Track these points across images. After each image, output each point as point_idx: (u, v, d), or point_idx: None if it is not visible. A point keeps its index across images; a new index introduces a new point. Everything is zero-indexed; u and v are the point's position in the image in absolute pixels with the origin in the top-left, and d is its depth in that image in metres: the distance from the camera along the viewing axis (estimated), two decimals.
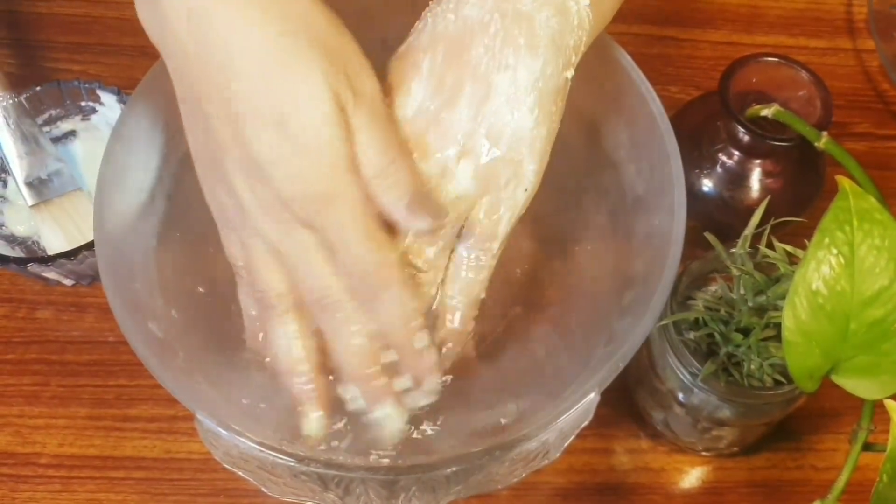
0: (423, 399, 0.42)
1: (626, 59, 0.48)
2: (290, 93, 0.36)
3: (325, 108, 0.36)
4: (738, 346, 0.46)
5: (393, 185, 0.38)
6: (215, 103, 0.37)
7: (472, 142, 0.40)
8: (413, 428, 0.43)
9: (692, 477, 0.54)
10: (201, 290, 0.48)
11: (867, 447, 0.43)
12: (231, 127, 0.37)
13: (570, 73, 0.42)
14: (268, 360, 0.43)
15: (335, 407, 0.42)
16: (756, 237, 0.47)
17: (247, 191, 0.38)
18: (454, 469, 0.41)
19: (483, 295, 0.43)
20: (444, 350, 0.43)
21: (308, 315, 0.40)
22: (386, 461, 0.43)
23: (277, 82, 0.36)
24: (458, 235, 0.42)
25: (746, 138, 0.52)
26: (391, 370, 0.41)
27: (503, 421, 0.45)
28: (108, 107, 0.58)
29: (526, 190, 0.41)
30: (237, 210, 0.39)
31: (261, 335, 0.43)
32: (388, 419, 0.41)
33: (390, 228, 0.40)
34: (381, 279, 0.39)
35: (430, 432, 0.45)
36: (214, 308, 0.48)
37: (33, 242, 0.57)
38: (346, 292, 0.39)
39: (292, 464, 0.40)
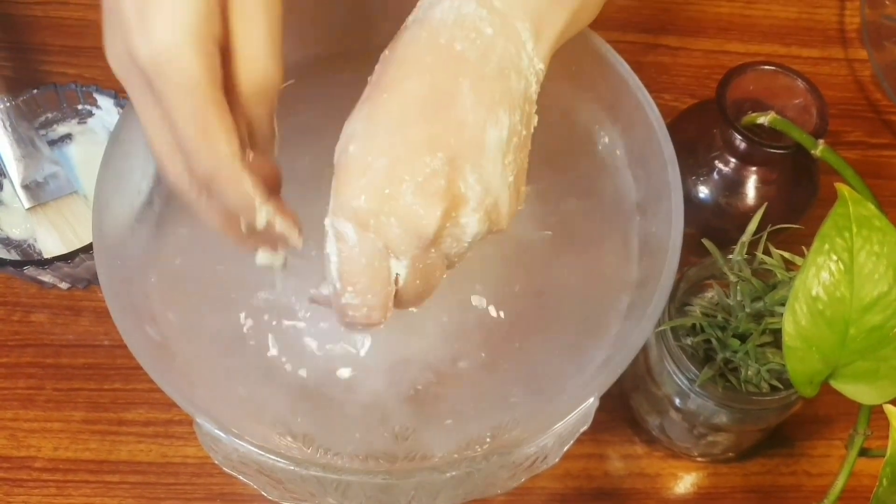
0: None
1: (624, 67, 0.48)
2: None
3: None
4: (735, 351, 0.46)
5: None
6: None
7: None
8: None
9: (687, 483, 0.54)
10: (198, 293, 0.48)
11: (863, 452, 0.43)
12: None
13: (535, 122, 0.41)
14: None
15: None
16: (753, 244, 0.47)
17: (138, 45, 0.37)
18: (453, 473, 0.41)
19: None
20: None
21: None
22: (385, 466, 0.43)
23: None
24: None
25: (743, 146, 0.53)
26: None
27: (500, 426, 0.45)
28: (105, 110, 0.58)
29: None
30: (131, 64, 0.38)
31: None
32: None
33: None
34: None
35: (428, 437, 0.45)
36: (211, 311, 0.48)
37: (29, 245, 0.57)
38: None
39: (292, 467, 0.40)
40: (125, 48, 0.38)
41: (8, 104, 0.55)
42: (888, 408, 0.39)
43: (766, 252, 0.47)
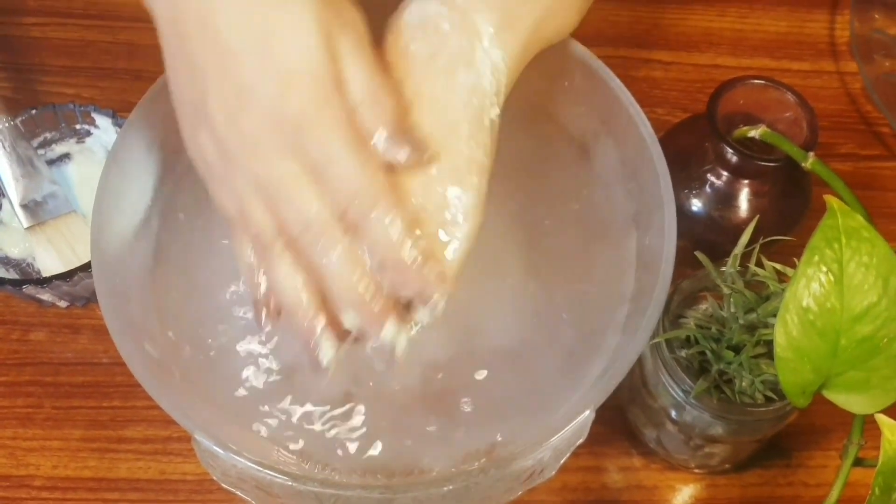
0: (426, 313, 0.40)
1: (616, 82, 0.49)
2: (276, 20, 0.36)
3: (312, 32, 0.36)
4: (729, 363, 0.47)
5: (379, 108, 0.38)
6: (199, 38, 0.37)
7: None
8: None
9: (685, 494, 0.55)
10: (196, 310, 0.48)
11: (858, 462, 0.44)
12: (215, 58, 0.37)
13: (494, 114, 0.42)
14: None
15: (343, 335, 0.41)
16: (745, 256, 0.47)
17: (230, 127, 0.37)
18: (450, 487, 0.41)
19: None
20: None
21: (303, 252, 0.39)
22: (382, 480, 0.43)
23: (263, 10, 0.36)
24: None
25: (734, 159, 0.53)
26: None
27: (498, 439, 0.45)
28: (103, 130, 0.59)
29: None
30: (220, 154, 0.38)
31: (262, 284, 0.41)
32: (393, 338, 0.40)
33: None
34: (369, 195, 0.38)
35: (426, 451, 0.45)
36: (209, 328, 0.48)
37: (28, 264, 0.57)
38: (333, 216, 0.38)
39: (289, 483, 0.40)
40: (218, 135, 0.38)
41: (7, 124, 0.56)
42: (879, 417, 0.39)
43: (759, 264, 0.47)
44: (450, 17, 0.42)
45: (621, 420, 0.55)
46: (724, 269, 0.48)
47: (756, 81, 0.54)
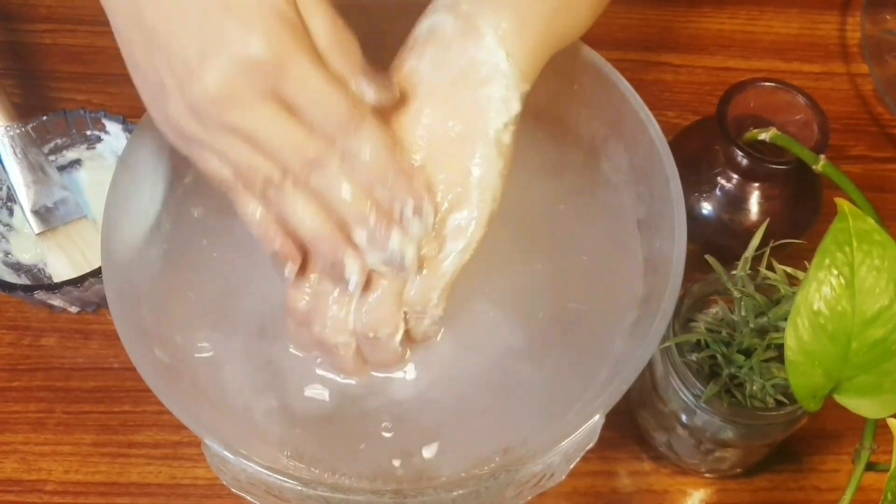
0: (418, 224, 0.42)
1: (625, 85, 0.49)
2: None
3: None
4: (740, 367, 0.47)
5: (345, 52, 0.39)
6: (158, 7, 0.37)
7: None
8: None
9: (695, 499, 0.54)
10: (206, 315, 0.48)
11: (870, 467, 0.43)
12: (172, 15, 0.37)
13: (502, 121, 0.43)
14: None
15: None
16: (756, 259, 0.47)
17: (200, 84, 0.37)
18: (460, 492, 0.41)
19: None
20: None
21: (307, 184, 0.40)
22: (392, 485, 0.43)
23: None
24: None
25: (745, 162, 0.53)
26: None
27: (508, 444, 0.45)
28: (114, 135, 0.59)
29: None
30: (195, 116, 0.38)
31: (276, 235, 0.42)
32: (402, 245, 0.42)
33: None
34: (353, 117, 0.39)
35: (435, 456, 0.45)
36: (219, 333, 0.48)
37: (39, 270, 0.57)
38: (324, 146, 0.39)
39: (299, 487, 0.40)
40: (187, 101, 0.38)
41: (18, 131, 0.56)
42: (891, 421, 0.39)
43: (770, 268, 0.47)
44: (455, 24, 0.42)
45: (631, 424, 0.55)
46: (734, 272, 0.47)
47: (766, 84, 0.53)
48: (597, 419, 0.41)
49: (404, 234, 0.42)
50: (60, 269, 0.56)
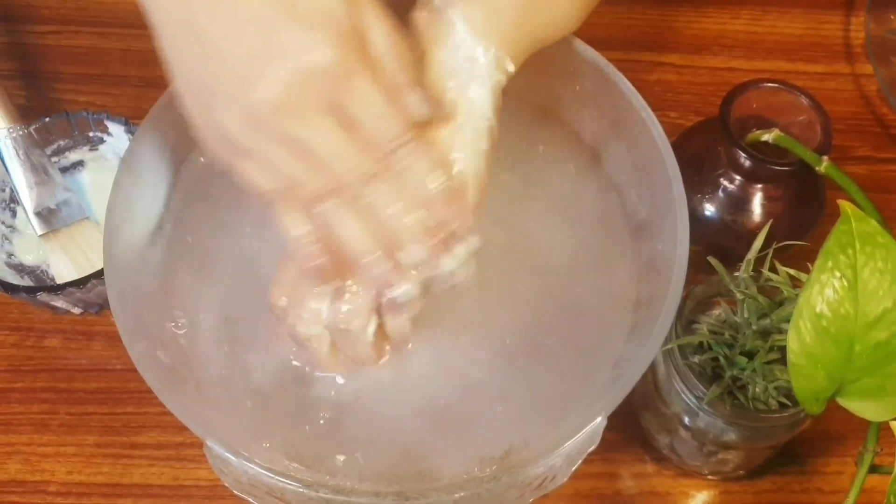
0: (464, 248, 0.42)
1: (627, 86, 0.49)
2: None
3: None
4: (742, 369, 0.46)
5: (401, 66, 0.39)
6: (209, 6, 0.36)
7: None
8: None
9: (698, 501, 0.54)
10: (209, 317, 0.48)
11: (873, 469, 0.43)
12: (231, 22, 0.36)
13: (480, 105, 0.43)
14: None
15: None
16: (759, 261, 0.47)
17: (255, 91, 0.37)
18: (461, 494, 0.41)
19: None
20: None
21: (355, 201, 0.40)
22: (394, 487, 0.43)
23: None
24: None
25: (747, 163, 0.53)
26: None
27: (509, 446, 0.45)
28: (116, 137, 0.59)
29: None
30: (246, 124, 0.38)
31: (318, 254, 0.41)
32: (457, 262, 0.42)
33: None
34: (408, 133, 0.39)
35: (437, 459, 0.45)
36: (221, 335, 0.48)
37: (42, 271, 0.57)
38: (374, 163, 0.39)
39: (301, 489, 0.40)
40: (243, 108, 0.37)
41: (21, 132, 0.56)
42: (895, 424, 0.39)
43: (773, 269, 0.47)
44: (427, 18, 0.42)
45: (634, 426, 0.55)
46: (737, 274, 0.47)
47: (769, 85, 0.53)
48: (599, 421, 0.41)
49: (454, 256, 0.42)
50: (63, 270, 0.56)
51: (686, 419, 0.49)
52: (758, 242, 0.47)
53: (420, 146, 0.40)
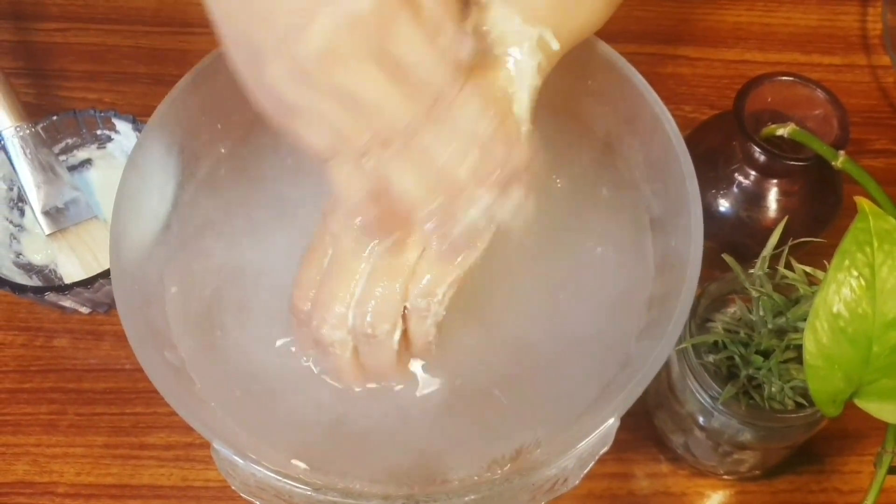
0: (521, 190, 0.42)
1: (640, 80, 0.48)
2: None
3: None
4: (758, 368, 0.46)
5: (444, 9, 0.38)
6: None
7: None
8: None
9: (714, 501, 0.54)
10: (216, 317, 0.48)
11: (892, 471, 0.42)
12: None
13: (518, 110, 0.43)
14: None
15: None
16: (774, 258, 0.46)
17: (303, 43, 0.36)
18: (472, 496, 0.41)
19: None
20: None
21: (410, 149, 0.40)
22: (404, 490, 0.43)
23: None
24: None
25: (762, 158, 0.52)
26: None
27: (521, 447, 0.44)
28: (124, 135, 0.58)
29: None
30: (297, 78, 0.37)
31: (374, 207, 0.41)
32: (515, 205, 0.41)
33: None
34: (456, 76, 0.39)
35: (448, 460, 0.45)
36: (228, 336, 0.48)
37: (50, 271, 0.57)
38: (424, 108, 0.38)
39: (309, 492, 0.40)
40: (290, 60, 0.37)
41: (28, 131, 0.56)
42: None
43: (788, 266, 0.46)
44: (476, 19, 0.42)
45: (648, 426, 0.54)
46: (752, 271, 0.46)
47: (784, 78, 0.52)
48: (611, 423, 0.41)
49: (512, 198, 0.41)
50: (71, 269, 0.56)
51: (701, 419, 0.48)
52: (773, 239, 0.46)
53: (470, 87, 0.39)
